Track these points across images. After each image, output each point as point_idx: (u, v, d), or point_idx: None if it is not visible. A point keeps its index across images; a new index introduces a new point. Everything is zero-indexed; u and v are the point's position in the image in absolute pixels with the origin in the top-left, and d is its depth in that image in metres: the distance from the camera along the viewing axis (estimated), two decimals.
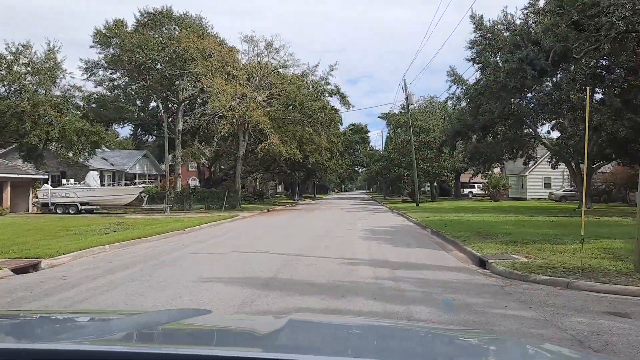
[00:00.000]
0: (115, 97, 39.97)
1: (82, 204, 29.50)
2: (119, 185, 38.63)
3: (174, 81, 36.26)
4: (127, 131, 52.04)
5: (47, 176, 33.36)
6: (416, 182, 39.37)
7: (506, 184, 51.89)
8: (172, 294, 6.88)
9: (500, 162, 42.19)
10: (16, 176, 30.26)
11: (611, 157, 30.24)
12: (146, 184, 38.20)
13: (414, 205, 36.77)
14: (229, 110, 31.60)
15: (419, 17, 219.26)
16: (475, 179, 56.45)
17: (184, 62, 34.19)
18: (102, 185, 35.36)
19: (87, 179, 30.73)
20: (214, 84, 30.98)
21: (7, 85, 32.83)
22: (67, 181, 31.68)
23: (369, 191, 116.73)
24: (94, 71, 39.03)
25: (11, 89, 33.06)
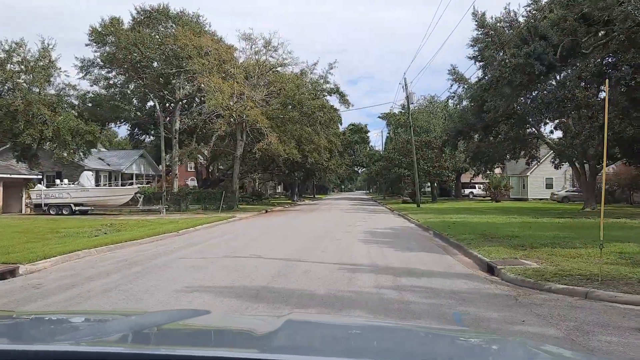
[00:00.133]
0: (110, 95, 39.26)
1: (76, 205, 28.83)
2: (114, 185, 37.97)
3: (170, 80, 35.60)
4: (124, 131, 51.27)
5: (40, 176, 32.69)
6: (417, 183, 38.67)
7: (507, 184, 51.26)
8: (151, 306, 6.23)
9: (502, 162, 41.62)
10: (8, 176, 29.60)
11: (617, 157, 29.61)
12: (142, 184, 37.50)
13: (415, 206, 36.11)
14: (226, 109, 30.96)
15: (420, 17, 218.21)
16: (476, 179, 55.87)
17: (180, 60, 33.52)
18: (97, 185, 34.73)
19: (81, 179, 30.09)
20: (211, 82, 30.33)
21: (0, 83, 32.18)
22: (61, 181, 31.02)
23: (368, 192, 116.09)
24: (89, 70, 38.32)
25: (4, 87, 32.44)
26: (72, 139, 31.86)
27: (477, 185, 60.11)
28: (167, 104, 38.30)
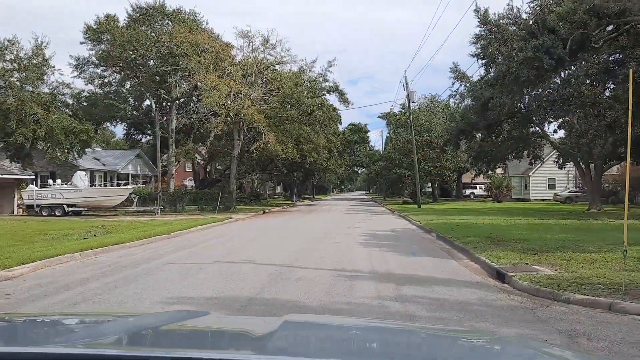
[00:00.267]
0: (105, 94, 38.55)
1: (68, 206, 28.13)
2: (109, 185, 37.28)
3: (166, 78, 34.89)
4: (121, 131, 50.61)
5: (33, 176, 31.99)
6: (417, 183, 37.96)
7: (509, 184, 50.58)
8: None
9: (504, 162, 40.95)
10: (0, 176, 28.90)
11: (623, 157, 28.93)
12: (138, 185, 36.77)
13: (416, 206, 35.45)
14: (223, 107, 30.27)
15: (420, 17, 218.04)
16: (477, 179, 55.20)
17: (176, 58, 32.81)
18: (92, 185, 34.04)
19: (74, 180, 29.39)
20: (207, 80, 29.63)
21: None
22: (55, 182, 30.33)
23: (368, 192, 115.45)
24: (84, 68, 37.61)
25: None
26: (65, 138, 31.13)
27: (478, 185, 59.44)
28: (164, 103, 37.60)
